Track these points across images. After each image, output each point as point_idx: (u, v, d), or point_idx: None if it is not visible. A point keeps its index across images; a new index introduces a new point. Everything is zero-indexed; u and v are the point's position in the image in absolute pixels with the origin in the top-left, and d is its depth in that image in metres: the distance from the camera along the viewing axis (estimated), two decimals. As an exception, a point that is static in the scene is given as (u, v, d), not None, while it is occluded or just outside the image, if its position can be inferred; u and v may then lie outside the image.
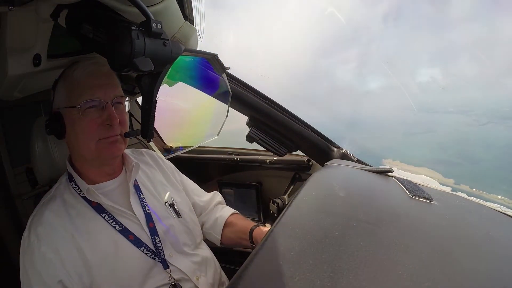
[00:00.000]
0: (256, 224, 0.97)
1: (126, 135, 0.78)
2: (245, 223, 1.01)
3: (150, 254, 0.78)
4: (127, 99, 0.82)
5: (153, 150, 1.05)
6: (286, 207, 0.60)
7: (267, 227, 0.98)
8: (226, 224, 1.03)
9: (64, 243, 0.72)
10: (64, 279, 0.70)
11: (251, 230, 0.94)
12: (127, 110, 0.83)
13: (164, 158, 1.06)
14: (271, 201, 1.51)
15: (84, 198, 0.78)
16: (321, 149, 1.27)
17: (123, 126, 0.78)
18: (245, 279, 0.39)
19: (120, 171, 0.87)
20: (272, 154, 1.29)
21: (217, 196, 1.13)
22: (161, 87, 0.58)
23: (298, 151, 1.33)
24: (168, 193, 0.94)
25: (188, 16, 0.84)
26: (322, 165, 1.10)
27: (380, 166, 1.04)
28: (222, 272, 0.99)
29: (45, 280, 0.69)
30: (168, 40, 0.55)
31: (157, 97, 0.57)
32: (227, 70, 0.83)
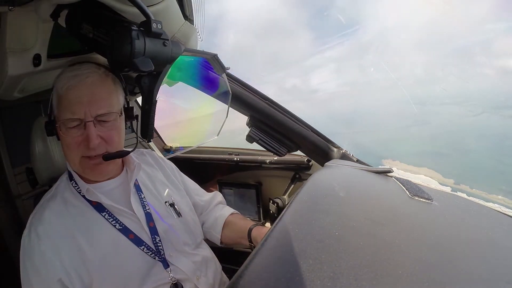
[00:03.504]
0: (255, 223, 0.97)
1: (105, 158, 0.73)
2: (244, 222, 1.01)
3: (150, 253, 0.79)
4: (118, 110, 0.77)
5: (153, 150, 1.05)
6: (286, 207, 0.60)
7: (268, 227, 0.98)
8: (226, 224, 1.03)
9: (64, 242, 0.72)
10: (64, 278, 0.70)
11: (250, 230, 0.94)
12: (121, 123, 0.79)
13: (164, 158, 1.06)
14: (271, 201, 1.51)
15: (84, 197, 0.78)
16: (321, 149, 1.27)
17: (109, 144, 0.74)
18: (245, 279, 0.39)
19: (121, 171, 0.87)
20: (272, 154, 1.29)
21: (217, 196, 1.13)
22: (161, 87, 0.58)
23: (298, 151, 1.32)
24: (168, 192, 0.94)
25: (188, 16, 0.84)
26: (322, 165, 1.09)
27: (380, 166, 1.04)
28: (223, 272, 0.99)
29: (44, 279, 0.69)
30: (168, 40, 0.55)
31: (157, 97, 0.57)
32: (227, 70, 0.83)
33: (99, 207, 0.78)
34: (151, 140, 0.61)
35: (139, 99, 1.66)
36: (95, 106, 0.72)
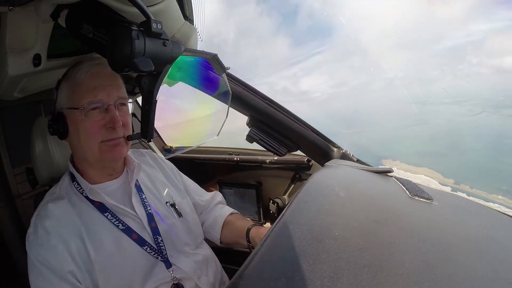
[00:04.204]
0: (254, 223, 0.97)
1: (129, 138, 0.78)
2: (243, 222, 1.01)
3: (153, 253, 0.79)
4: (130, 100, 0.82)
5: (153, 150, 1.05)
6: (286, 207, 0.60)
7: (266, 227, 0.98)
8: (225, 223, 1.03)
9: (73, 237, 0.72)
10: (75, 270, 0.70)
11: (248, 230, 0.94)
12: (130, 112, 0.83)
13: (164, 158, 1.06)
14: (271, 201, 1.51)
15: (87, 197, 0.78)
16: (321, 149, 1.27)
17: (125, 128, 0.78)
18: (245, 279, 0.39)
19: (122, 171, 0.87)
20: (272, 154, 1.29)
21: (217, 196, 1.13)
22: (161, 87, 0.58)
23: (298, 151, 1.32)
24: (169, 193, 0.94)
25: (188, 16, 0.84)
26: (322, 165, 1.10)
27: (380, 166, 1.04)
28: (223, 272, 1.00)
29: (56, 271, 0.69)
30: (168, 40, 0.55)
31: (157, 97, 0.57)
32: (227, 70, 0.83)
33: (101, 208, 0.78)
34: (151, 140, 0.61)
35: (139, 99, 1.66)
36: (116, 90, 0.77)
